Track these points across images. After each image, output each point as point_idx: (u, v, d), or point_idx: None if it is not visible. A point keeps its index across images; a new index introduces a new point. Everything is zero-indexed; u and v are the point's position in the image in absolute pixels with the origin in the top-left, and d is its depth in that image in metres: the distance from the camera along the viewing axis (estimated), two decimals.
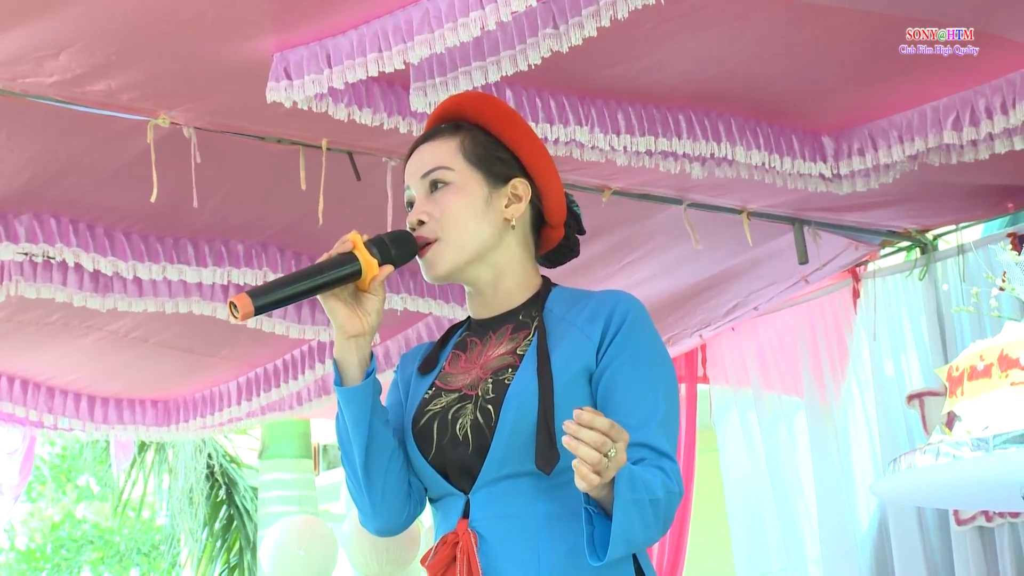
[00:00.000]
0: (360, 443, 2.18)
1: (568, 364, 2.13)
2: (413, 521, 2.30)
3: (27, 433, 6.71)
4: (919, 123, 4.31)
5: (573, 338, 2.16)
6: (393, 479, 2.21)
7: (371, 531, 2.29)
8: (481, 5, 3.27)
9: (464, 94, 2.40)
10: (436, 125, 2.34)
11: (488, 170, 2.26)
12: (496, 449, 2.10)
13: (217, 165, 4.19)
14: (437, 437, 2.18)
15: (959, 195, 5.11)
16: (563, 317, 2.20)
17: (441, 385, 2.24)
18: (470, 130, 2.29)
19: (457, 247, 2.22)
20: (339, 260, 2.16)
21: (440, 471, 2.17)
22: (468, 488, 2.14)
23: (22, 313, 5.09)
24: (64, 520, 18.63)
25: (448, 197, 2.23)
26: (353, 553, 7.12)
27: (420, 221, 2.24)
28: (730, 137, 4.26)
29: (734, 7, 3.65)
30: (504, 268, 2.26)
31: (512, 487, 2.10)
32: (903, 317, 5.66)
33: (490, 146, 2.28)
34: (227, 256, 4.73)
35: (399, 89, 3.88)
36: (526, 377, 2.12)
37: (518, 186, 2.27)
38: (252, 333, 5.20)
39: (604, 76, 3.97)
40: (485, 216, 2.23)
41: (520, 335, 2.21)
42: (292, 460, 9.05)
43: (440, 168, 2.25)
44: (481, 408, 2.14)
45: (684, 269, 5.46)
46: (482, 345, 2.25)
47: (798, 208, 5.09)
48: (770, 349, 6.16)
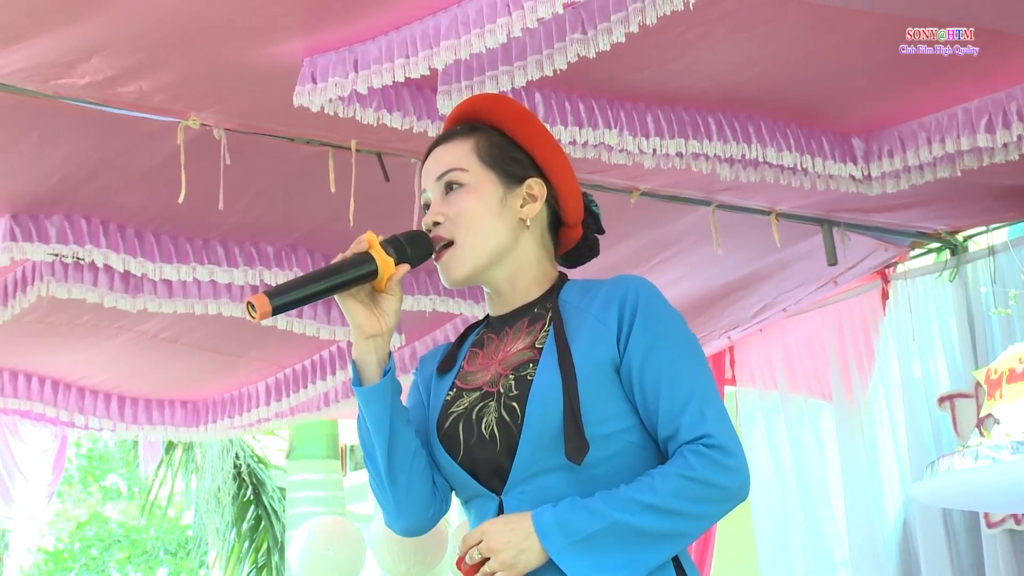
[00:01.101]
0: (382, 443, 2.18)
1: (589, 353, 2.12)
2: (438, 520, 2.30)
3: (58, 432, 6.75)
4: (949, 125, 4.30)
5: (590, 327, 2.15)
6: (417, 478, 2.21)
7: (396, 531, 2.29)
8: (508, 11, 3.28)
9: (479, 96, 2.39)
10: (452, 127, 2.34)
11: (503, 170, 2.26)
12: (525, 446, 2.10)
13: (247, 167, 4.21)
14: (464, 438, 2.17)
15: (989, 196, 5.09)
16: (577, 305, 2.19)
17: (461, 385, 2.24)
18: (485, 131, 2.29)
19: (472, 249, 2.22)
20: (355, 260, 2.15)
21: (470, 472, 2.17)
22: (500, 489, 2.14)
23: (53, 314, 5.13)
24: (91, 520, 18.71)
25: (463, 198, 2.23)
26: (381, 553, 7.14)
27: (436, 222, 2.24)
28: (760, 139, 4.25)
29: (764, 12, 3.65)
30: (521, 267, 2.26)
31: (544, 484, 2.10)
32: (932, 319, 5.64)
33: (505, 146, 2.28)
34: (257, 257, 4.75)
35: (428, 92, 3.89)
36: (548, 371, 2.12)
37: (533, 186, 2.27)
38: (281, 334, 5.22)
39: (633, 80, 3.98)
40: (500, 216, 2.23)
41: (536, 327, 2.21)
42: (320, 461, 9.08)
43: (455, 169, 2.25)
44: (506, 406, 2.14)
45: (712, 270, 5.45)
46: (499, 340, 2.25)
47: (827, 209, 5.07)
48: (797, 351, 6.15)
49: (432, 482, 2.24)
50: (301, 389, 5.87)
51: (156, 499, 11.35)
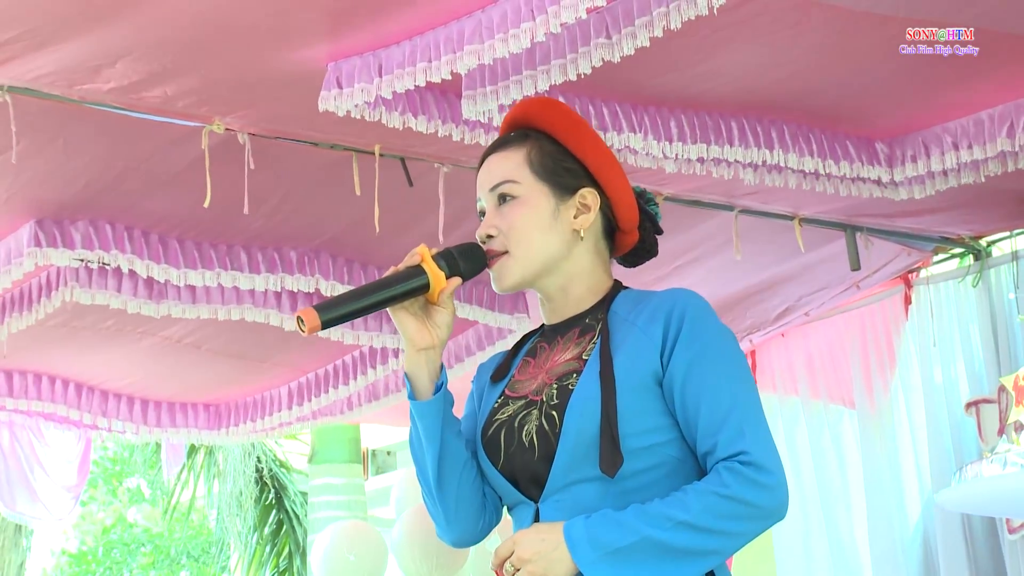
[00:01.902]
0: (433, 456, 2.19)
1: (632, 367, 2.12)
2: (489, 532, 2.30)
3: (82, 435, 6.78)
4: (974, 130, 4.29)
5: (635, 339, 2.14)
6: (466, 491, 2.22)
7: (447, 542, 2.30)
8: (532, 16, 3.28)
9: (532, 100, 2.38)
10: (506, 133, 2.34)
11: (555, 182, 2.24)
12: (562, 455, 2.10)
13: (271, 172, 4.23)
14: (504, 445, 2.18)
15: (1013, 201, 5.07)
16: (625, 318, 2.19)
17: (510, 393, 2.24)
18: (537, 140, 2.28)
19: (525, 261, 2.22)
20: (407, 273, 2.15)
21: (510, 479, 2.18)
22: (537, 496, 2.14)
23: (77, 319, 5.15)
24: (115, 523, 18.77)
25: (515, 211, 2.22)
26: (403, 558, 7.14)
27: (489, 235, 2.24)
28: (783, 144, 4.25)
29: (788, 16, 3.65)
30: (574, 277, 2.25)
31: (579, 493, 2.10)
32: (955, 324, 5.62)
33: (557, 156, 2.27)
34: (280, 263, 4.76)
35: (452, 97, 3.90)
36: (589, 382, 2.11)
37: (587, 196, 2.25)
38: (303, 339, 5.23)
39: (656, 84, 3.98)
40: (552, 229, 2.22)
41: (586, 338, 2.20)
42: (342, 465, 9.08)
43: (507, 182, 2.24)
44: (546, 414, 2.14)
45: (734, 273, 5.45)
46: (550, 350, 2.25)
47: (850, 214, 5.07)
48: (819, 357, 6.13)
49: (482, 494, 2.25)
50: (323, 393, 5.88)
51: (178, 503, 11.37)
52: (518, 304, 5.23)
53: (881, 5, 3.62)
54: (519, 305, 5.23)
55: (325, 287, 4.79)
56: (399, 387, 5.85)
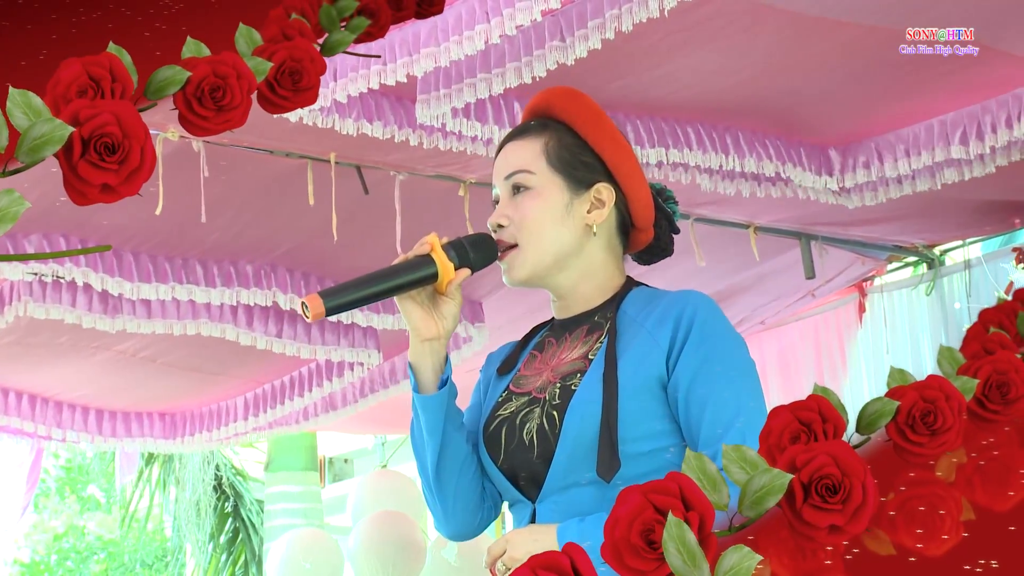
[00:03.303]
0: (433, 450, 2.17)
1: (636, 370, 2.09)
2: (487, 527, 2.29)
3: (34, 445, 6.72)
4: (926, 137, 4.32)
5: (641, 342, 2.12)
6: (465, 485, 2.21)
7: (445, 535, 2.28)
8: (487, 18, 3.28)
9: (555, 89, 2.33)
10: (527, 121, 2.30)
11: (571, 175, 2.21)
12: (560, 457, 2.09)
13: (226, 184, 4.20)
14: (505, 442, 2.16)
15: (966, 211, 5.11)
16: (635, 319, 2.16)
17: (514, 388, 2.22)
18: (556, 131, 2.24)
19: (536, 254, 2.18)
20: (416, 263, 2.12)
21: (509, 477, 2.17)
22: (535, 496, 2.13)
23: (32, 335, 5.09)
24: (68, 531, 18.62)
25: (528, 202, 2.19)
26: (359, 566, 7.12)
27: (500, 225, 2.21)
28: (738, 149, 4.26)
29: (741, 20, 3.66)
30: (585, 272, 2.22)
31: (576, 496, 2.08)
32: (907, 332, 5.66)
33: (575, 149, 2.23)
34: (236, 277, 4.72)
35: (407, 103, 3.89)
36: (592, 384, 2.09)
37: (602, 191, 2.21)
38: (260, 353, 5.20)
39: (612, 88, 3.98)
40: (564, 223, 2.19)
41: (593, 337, 2.18)
42: (298, 473, 9.05)
43: (522, 172, 2.21)
44: (547, 414, 2.12)
45: (690, 284, 5.42)
46: (557, 346, 2.22)
47: (805, 223, 5.09)
48: (772, 364, 6.16)
49: (481, 489, 2.23)
50: (279, 405, 5.86)
51: (135, 511, 11.29)
52: (478, 314, 5.22)
53: (833, 10, 3.64)
54: (479, 315, 5.22)
55: (283, 300, 4.77)
56: (356, 397, 5.83)
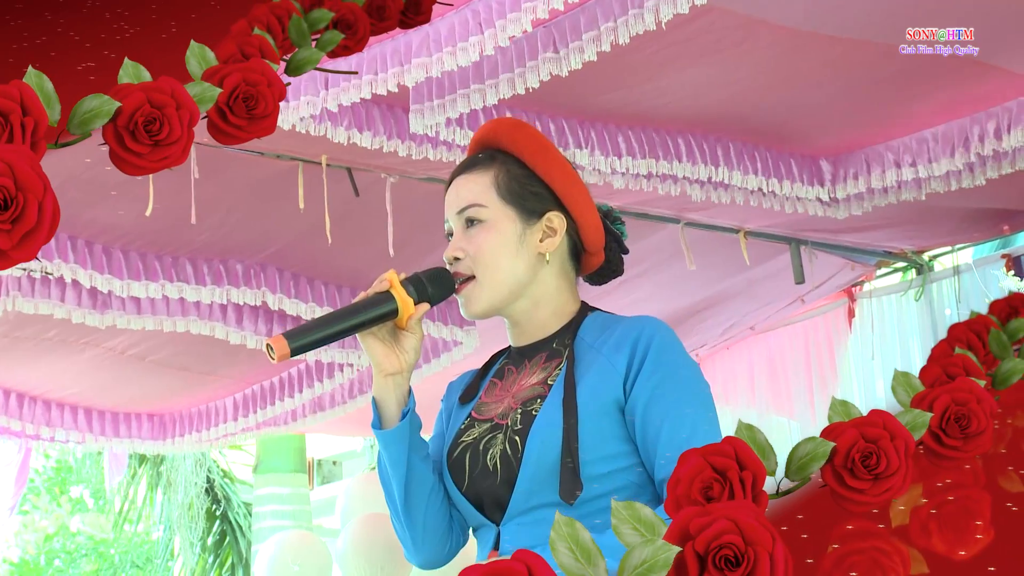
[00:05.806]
0: (399, 481, 2.20)
1: (594, 394, 2.12)
2: (456, 553, 2.30)
3: (22, 445, 6.71)
4: (917, 149, 4.33)
5: (600, 367, 2.15)
6: (433, 514, 2.23)
7: (415, 564, 2.30)
8: (480, 30, 3.28)
9: (500, 122, 2.37)
10: (474, 153, 2.34)
11: (522, 206, 2.25)
12: (523, 480, 2.11)
13: (217, 184, 4.20)
14: (469, 468, 2.19)
15: (955, 217, 5.12)
16: (592, 344, 2.20)
17: (476, 415, 2.25)
18: (504, 162, 2.28)
19: (492, 286, 2.22)
20: (376, 300, 2.16)
21: (474, 503, 2.19)
22: (499, 520, 2.15)
23: (19, 329, 5.09)
24: (58, 532, 18.60)
25: (482, 235, 2.23)
26: (347, 568, 7.12)
27: (456, 258, 2.25)
28: (728, 161, 4.28)
29: (734, 35, 3.67)
30: (540, 299, 2.26)
31: (540, 518, 2.10)
32: (896, 337, 5.68)
33: (524, 180, 2.27)
34: (225, 275, 4.73)
35: (399, 112, 3.90)
36: (552, 408, 2.12)
37: (553, 220, 2.25)
38: (249, 352, 5.20)
39: (604, 100, 3.99)
40: (519, 253, 2.23)
41: (552, 364, 2.22)
42: (287, 475, 9.05)
43: (475, 205, 2.25)
44: (509, 439, 2.15)
45: (680, 289, 5.47)
46: (517, 373, 2.26)
47: (795, 228, 5.10)
48: (761, 369, 6.18)
49: (449, 517, 2.25)
50: (268, 406, 5.86)
51: (126, 512, 11.28)
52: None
53: (826, 26, 3.65)
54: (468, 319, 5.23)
55: (272, 300, 4.77)
56: (345, 399, 5.84)
